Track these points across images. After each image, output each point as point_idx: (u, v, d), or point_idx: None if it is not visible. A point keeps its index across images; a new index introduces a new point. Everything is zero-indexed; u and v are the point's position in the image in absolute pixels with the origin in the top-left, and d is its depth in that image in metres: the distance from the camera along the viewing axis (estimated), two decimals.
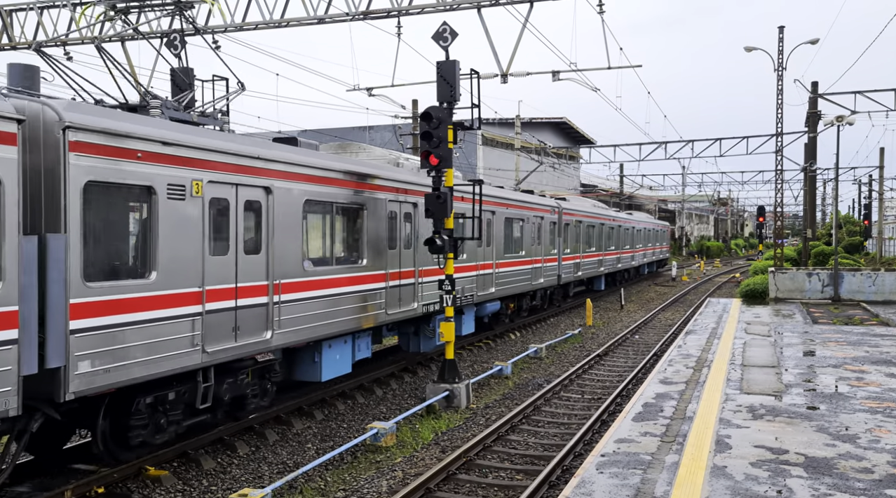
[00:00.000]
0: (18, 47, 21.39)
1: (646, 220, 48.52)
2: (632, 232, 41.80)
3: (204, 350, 9.48)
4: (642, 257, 45.34)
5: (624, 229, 39.30)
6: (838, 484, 7.33)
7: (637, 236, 43.55)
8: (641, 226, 45.21)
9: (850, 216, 70.66)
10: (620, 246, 38.25)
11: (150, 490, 9.13)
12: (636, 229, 43.47)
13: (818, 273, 26.85)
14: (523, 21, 17.64)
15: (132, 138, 8.49)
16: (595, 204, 38.41)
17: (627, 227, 40.61)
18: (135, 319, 8.51)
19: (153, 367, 8.75)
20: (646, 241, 46.93)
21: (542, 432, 12.01)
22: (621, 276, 40.58)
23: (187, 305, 9.25)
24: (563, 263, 27.28)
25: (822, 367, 13.73)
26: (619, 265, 38.15)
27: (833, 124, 26.37)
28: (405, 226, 15.01)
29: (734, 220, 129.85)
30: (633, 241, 41.91)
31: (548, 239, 25.33)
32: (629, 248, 40.80)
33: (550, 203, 26.33)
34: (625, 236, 39.61)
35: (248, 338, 10.33)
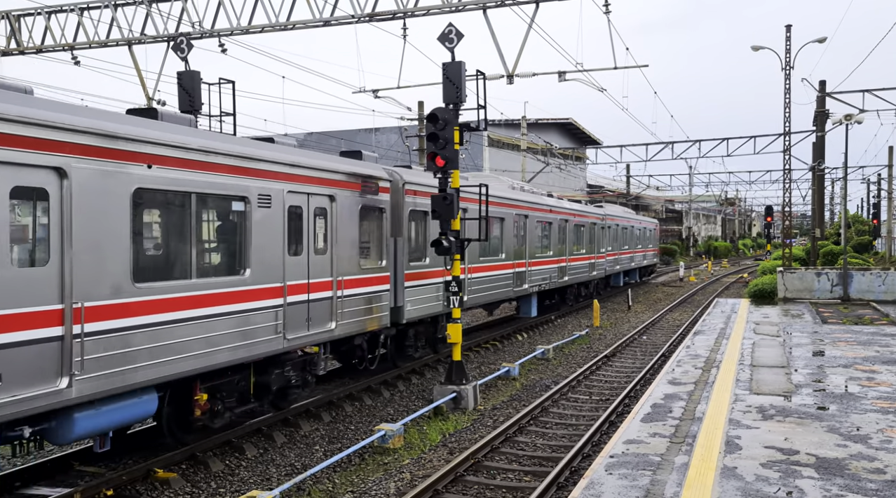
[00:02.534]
0: (26, 52, 21.49)
1: (620, 214, 37.85)
2: (590, 230, 30.14)
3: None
4: (610, 265, 33.90)
5: (573, 226, 27.38)
6: (850, 485, 7.27)
7: (602, 236, 32.32)
8: (610, 222, 34.19)
9: (859, 215, 70.31)
10: (563, 249, 26.02)
11: (158, 492, 9.13)
12: (600, 226, 32.00)
13: (827, 273, 26.71)
14: (529, 21, 17.62)
15: None
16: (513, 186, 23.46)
17: (581, 224, 28.81)
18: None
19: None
20: (619, 243, 35.95)
21: (550, 434, 11.97)
22: (572, 292, 29.05)
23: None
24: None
25: (832, 367, 13.64)
26: (565, 277, 26.21)
27: (841, 123, 26.24)
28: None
29: (742, 220, 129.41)
30: (592, 242, 30.44)
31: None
32: (583, 252, 28.93)
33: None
34: (574, 237, 27.56)
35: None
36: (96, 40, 20.85)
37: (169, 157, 8.86)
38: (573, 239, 27.26)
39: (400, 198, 14.65)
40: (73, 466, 9.81)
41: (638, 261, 41.21)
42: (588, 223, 29.76)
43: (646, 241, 43.87)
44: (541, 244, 23.69)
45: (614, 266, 35.06)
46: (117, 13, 20.49)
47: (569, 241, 26.50)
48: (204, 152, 9.37)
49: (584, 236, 29.16)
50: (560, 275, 25.67)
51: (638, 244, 41.18)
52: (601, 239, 32.11)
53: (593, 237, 30.63)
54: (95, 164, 7.94)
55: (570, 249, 26.73)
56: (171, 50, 17.59)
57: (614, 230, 34.94)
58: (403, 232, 14.70)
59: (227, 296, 9.83)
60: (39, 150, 7.37)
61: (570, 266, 26.74)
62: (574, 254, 27.35)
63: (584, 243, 28.99)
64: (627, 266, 38.47)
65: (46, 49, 21.34)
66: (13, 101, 7.23)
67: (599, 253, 31.60)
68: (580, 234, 28.51)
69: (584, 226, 29.19)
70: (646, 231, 44.01)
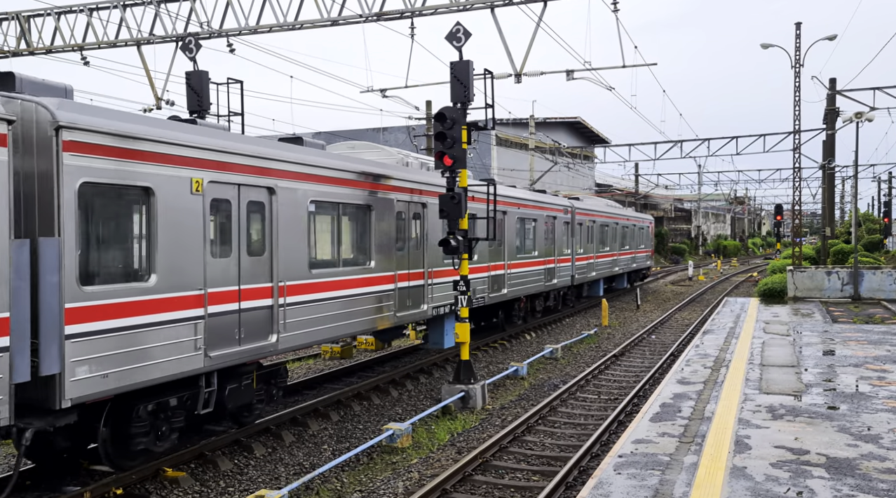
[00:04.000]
0: (36, 52, 21.61)
1: (600, 207, 31.53)
2: (546, 227, 23.43)
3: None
4: (582, 270, 27.55)
5: (515, 221, 20.61)
6: (861, 485, 7.22)
7: (567, 234, 25.72)
8: (582, 217, 27.67)
9: (870, 214, 69.88)
10: (499, 253, 19.41)
11: (167, 491, 9.16)
12: (563, 221, 25.22)
13: (837, 271, 26.55)
14: (537, 20, 17.58)
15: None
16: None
17: (530, 218, 21.87)
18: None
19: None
20: (597, 244, 30.05)
21: (559, 433, 11.94)
22: (521, 308, 22.38)
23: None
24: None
25: (842, 366, 13.56)
26: (503, 290, 19.61)
27: (851, 121, 26.07)
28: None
29: (751, 218, 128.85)
30: (550, 242, 23.80)
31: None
32: (534, 256, 22.20)
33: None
34: (517, 235, 20.79)
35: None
36: (105, 41, 20.94)
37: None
38: (515, 238, 20.44)
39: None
40: (83, 465, 9.86)
41: (625, 265, 35.18)
42: (543, 217, 22.83)
43: (636, 242, 37.86)
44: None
45: (587, 272, 28.22)
46: (126, 14, 20.57)
47: (508, 242, 19.82)
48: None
49: (536, 234, 22.31)
50: (494, 287, 18.99)
51: (626, 245, 35.44)
52: (565, 238, 25.34)
53: (552, 236, 23.82)
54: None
55: (510, 251, 19.95)
56: (180, 50, 17.65)
57: (589, 228, 28.66)
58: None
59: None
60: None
61: (510, 274, 19.81)
62: (518, 258, 20.49)
63: (536, 244, 22.31)
64: (609, 271, 32.08)
65: (56, 49, 21.44)
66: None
67: (563, 256, 24.72)
68: (527, 232, 21.55)
69: (536, 220, 22.22)
70: (635, 229, 37.66)
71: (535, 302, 23.70)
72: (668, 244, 77.22)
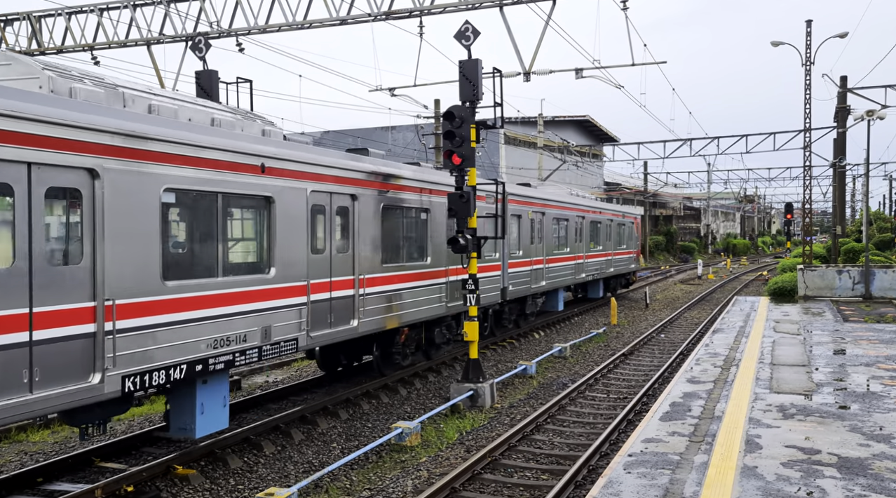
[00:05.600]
0: (47, 52, 21.73)
1: (561, 198, 24.27)
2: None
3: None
4: (527, 279, 20.71)
5: (401, 212, 14.30)
6: (873, 485, 7.17)
7: (506, 231, 19.05)
8: (529, 207, 20.84)
9: (881, 212, 69.40)
10: (389, 257, 13.85)
11: (178, 488, 9.20)
12: (496, 217, 15.78)
13: (848, 270, 26.39)
14: (546, 19, 17.55)
15: None
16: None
17: (421, 208, 15.00)
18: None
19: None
20: (555, 245, 23.22)
21: (568, 432, 11.92)
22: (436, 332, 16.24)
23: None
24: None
25: (853, 365, 13.48)
26: (401, 310, 13.95)
27: (863, 119, 25.91)
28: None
29: (761, 217, 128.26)
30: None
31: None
32: (424, 264, 15.26)
33: None
34: (408, 234, 14.76)
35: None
36: (115, 40, 21.03)
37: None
38: (405, 237, 14.29)
39: None
40: (94, 462, 9.92)
41: (597, 269, 28.23)
42: (431, 205, 15.26)
43: (615, 240, 31.05)
44: (310, 244, 11.49)
45: (533, 282, 21.10)
46: (136, 13, 20.66)
47: (361, 241, 12.79)
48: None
49: (422, 232, 14.97)
50: (338, 315, 12.16)
51: (599, 245, 28.53)
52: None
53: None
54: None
55: (365, 259, 12.86)
56: (190, 49, 17.70)
57: (535, 223, 21.33)
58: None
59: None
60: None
61: (367, 295, 12.74)
62: (384, 268, 13.37)
63: (425, 247, 14.99)
64: (571, 279, 25.10)
65: (67, 49, 21.56)
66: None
67: (493, 263, 18.32)
68: (403, 228, 14.30)
69: (419, 209, 14.73)
70: (613, 225, 30.77)
71: (436, 330, 15.88)
72: (677, 243, 76.96)
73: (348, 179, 12.33)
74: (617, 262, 31.41)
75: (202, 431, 9.67)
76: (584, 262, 26.65)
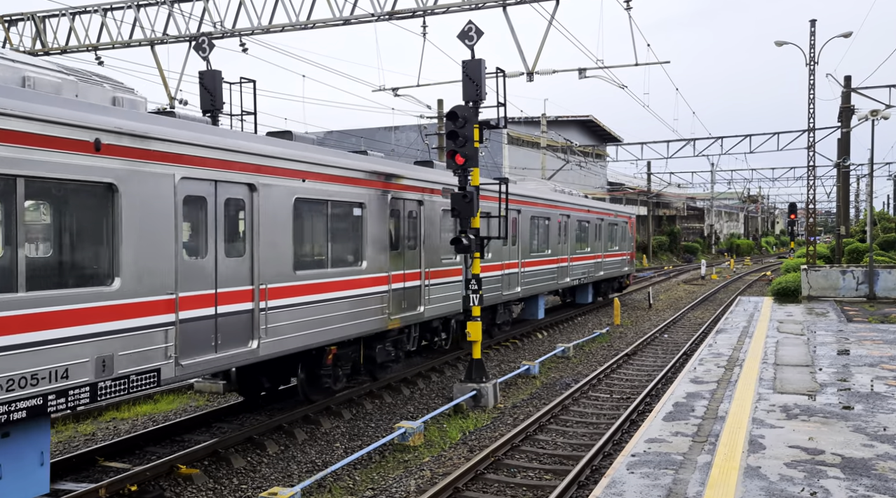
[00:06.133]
0: (51, 52, 21.79)
1: (544, 195, 22.26)
2: (393, 217, 13.83)
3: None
4: (501, 284, 18.86)
5: (323, 206, 11.98)
6: (877, 485, 7.16)
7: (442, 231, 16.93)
8: (492, 205, 17.48)
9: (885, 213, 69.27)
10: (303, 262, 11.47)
11: (181, 488, 9.22)
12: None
13: (852, 271, 26.33)
14: (549, 18, 17.54)
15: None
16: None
17: (341, 203, 12.33)
18: None
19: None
20: (532, 247, 21.09)
21: (571, 432, 11.92)
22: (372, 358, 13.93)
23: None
24: None
25: (857, 366, 13.45)
26: (314, 328, 11.38)
27: (867, 119, 25.85)
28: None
29: (765, 217, 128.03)
30: (399, 246, 14.12)
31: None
32: (358, 268, 12.61)
33: None
34: (337, 234, 12.33)
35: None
36: (119, 41, 21.08)
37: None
38: (331, 238, 11.99)
39: None
40: (98, 462, 9.94)
41: (584, 273, 25.99)
42: (370, 198, 12.83)
43: (606, 241, 29.05)
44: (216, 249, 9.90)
45: (507, 288, 19.22)
46: (140, 14, 20.70)
47: (260, 252, 10.39)
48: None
49: (364, 231, 12.75)
50: (238, 335, 10.08)
51: (587, 246, 26.33)
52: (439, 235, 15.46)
53: (405, 234, 14.17)
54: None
55: (331, 257, 11.95)
56: (193, 50, 17.73)
57: (516, 223, 19.71)
58: None
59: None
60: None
61: (270, 311, 10.46)
62: (299, 276, 11.13)
63: (362, 250, 12.71)
64: (554, 283, 22.83)
65: (71, 50, 21.61)
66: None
67: (452, 266, 15.89)
68: (358, 226, 12.63)
69: (366, 206, 12.76)
70: (603, 225, 28.45)
71: (377, 347, 13.59)
72: (680, 243, 76.88)
73: (244, 165, 9.81)
74: (608, 264, 29.29)
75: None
76: (569, 265, 24.45)
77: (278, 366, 12.27)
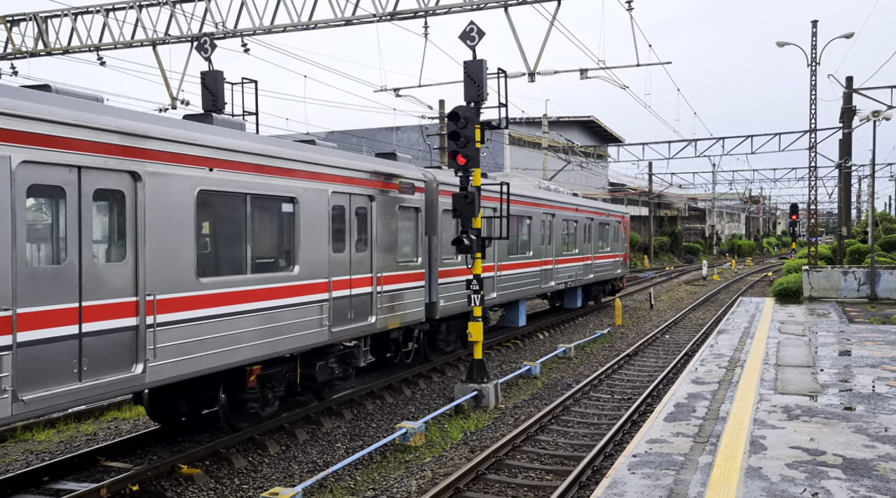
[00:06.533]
0: (53, 53, 21.81)
1: (525, 192, 20.78)
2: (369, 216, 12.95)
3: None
4: (453, 291, 16.14)
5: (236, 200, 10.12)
6: (878, 486, 7.16)
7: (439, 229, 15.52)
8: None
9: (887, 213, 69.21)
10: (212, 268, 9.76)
11: (182, 488, 9.23)
12: (427, 211, 15.19)
13: (854, 271, 26.31)
14: (551, 19, 17.55)
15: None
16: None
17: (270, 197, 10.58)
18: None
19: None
20: (517, 244, 19.86)
21: (572, 432, 11.92)
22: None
23: None
24: None
25: (859, 367, 13.44)
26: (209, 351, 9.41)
27: (869, 120, 25.83)
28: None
29: (766, 218, 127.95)
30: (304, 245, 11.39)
31: None
32: (339, 274, 12.00)
33: None
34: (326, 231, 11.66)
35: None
36: (121, 41, 21.10)
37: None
38: (251, 238, 10.20)
39: None
40: (99, 462, 9.95)
41: (571, 277, 24.36)
42: (305, 192, 11.17)
43: (598, 243, 27.53)
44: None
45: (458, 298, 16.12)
46: (142, 14, 20.72)
47: (152, 243, 8.78)
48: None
49: (296, 231, 11.02)
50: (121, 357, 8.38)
51: (575, 248, 24.74)
52: (407, 238, 14.37)
53: (351, 234, 12.40)
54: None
55: (250, 261, 10.24)
56: (195, 50, 17.76)
57: (490, 222, 16.86)
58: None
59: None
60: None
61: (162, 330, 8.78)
62: (269, 279, 10.41)
63: (295, 253, 11.01)
64: (536, 289, 21.25)
65: (73, 50, 21.63)
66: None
67: (412, 270, 14.32)
68: (289, 225, 10.93)
69: (298, 201, 11.03)
70: (593, 225, 26.66)
71: (318, 364, 11.97)
72: (682, 244, 76.85)
73: (122, 149, 8.12)
74: (599, 266, 27.54)
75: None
76: (554, 267, 22.69)
77: (196, 387, 10.43)
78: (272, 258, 10.56)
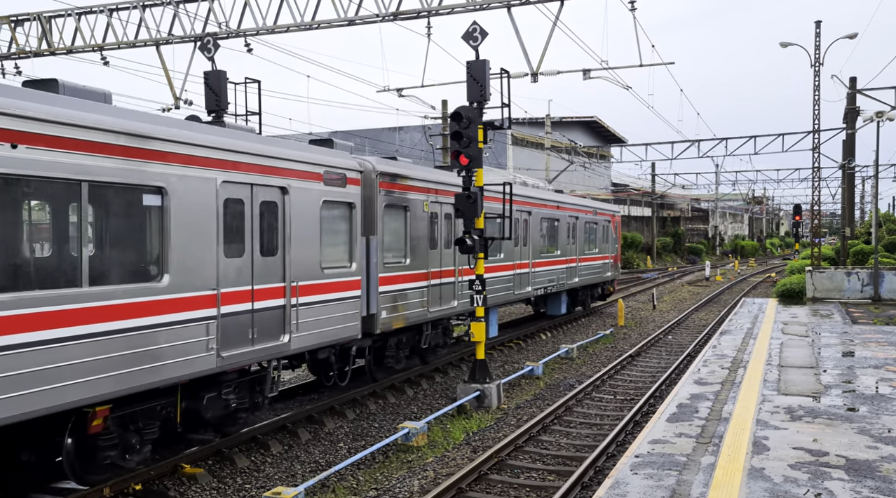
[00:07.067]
0: (57, 52, 21.86)
1: (493, 188, 16.45)
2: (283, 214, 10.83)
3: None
4: (424, 298, 14.73)
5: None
6: (881, 487, 7.14)
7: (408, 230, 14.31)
8: (410, 197, 14.20)
9: (891, 214, 69.07)
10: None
11: (185, 487, 9.24)
12: (369, 207, 13.08)
13: (857, 272, 26.26)
14: (553, 19, 17.54)
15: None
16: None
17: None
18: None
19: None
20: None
21: (574, 433, 11.91)
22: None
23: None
24: None
25: (862, 368, 13.41)
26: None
27: (872, 120, 25.78)
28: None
29: (769, 218, 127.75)
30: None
31: None
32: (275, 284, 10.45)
33: None
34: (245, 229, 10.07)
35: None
36: (125, 41, 21.14)
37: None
38: (94, 241, 7.97)
39: None
40: None
41: (552, 281, 22.17)
42: (178, 181, 8.89)
43: (585, 244, 25.32)
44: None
45: (438, 303, 15.27)
46: (145, 14, 20.76)
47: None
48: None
49: (166, 230, 8.75)
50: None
51: (557, 249, 22.53)
52: (344, 239, 12.34)
53: (254, 235, 10.21)
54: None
55: (97, 270, 7.89)
56: (198, 50, 17.77)
57: (449, 219, 15.83)
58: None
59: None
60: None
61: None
62: (128, 293, 8.18)
63: (165, 258, 8.72)
64: (509, 295, 19.04)
65: (76, 50, 21.68)
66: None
67: (345, 278, 12.12)
68: (157, 222, 8.69)
69: (168, 193, 8.76)
70: (578, 224, 24.61)
71: (205, 397, 9.80)
72: (685, 244, 76.76)
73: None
74: (585, 270, 25.12)
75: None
76: (531, 271, 20.38)
77: (40, 431, 8.12)
78: (129, 265, 8.26)
